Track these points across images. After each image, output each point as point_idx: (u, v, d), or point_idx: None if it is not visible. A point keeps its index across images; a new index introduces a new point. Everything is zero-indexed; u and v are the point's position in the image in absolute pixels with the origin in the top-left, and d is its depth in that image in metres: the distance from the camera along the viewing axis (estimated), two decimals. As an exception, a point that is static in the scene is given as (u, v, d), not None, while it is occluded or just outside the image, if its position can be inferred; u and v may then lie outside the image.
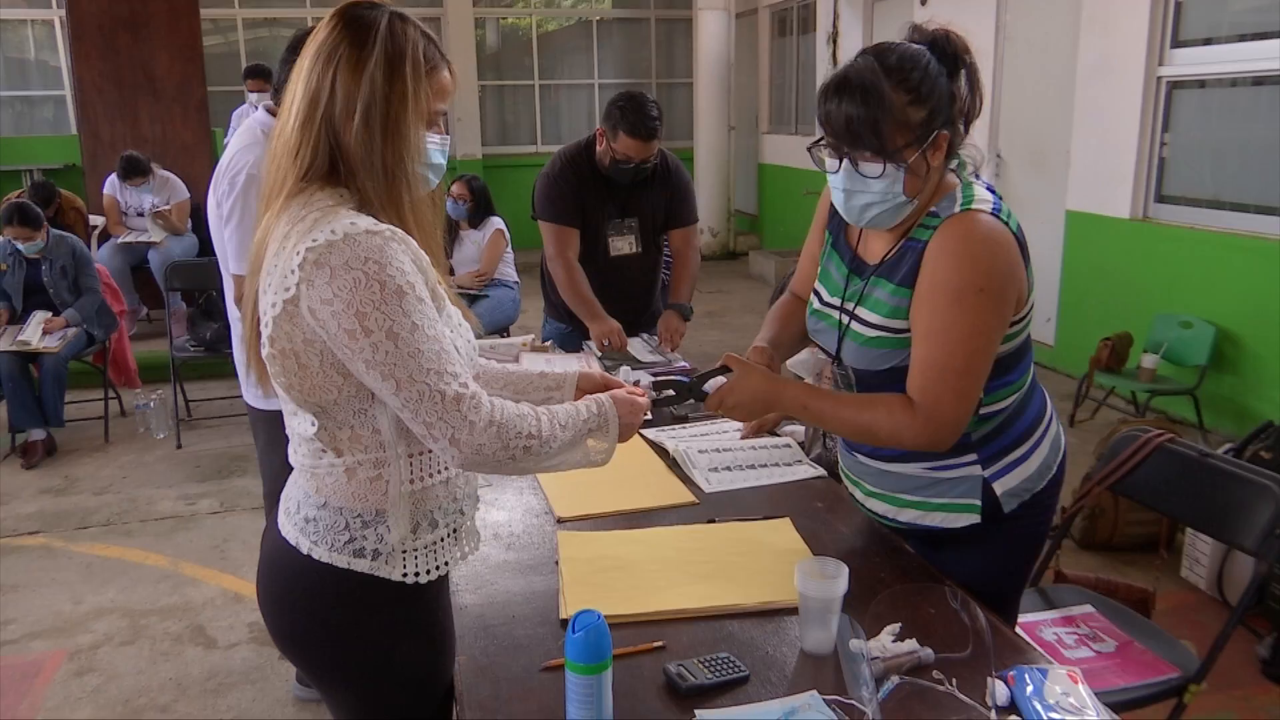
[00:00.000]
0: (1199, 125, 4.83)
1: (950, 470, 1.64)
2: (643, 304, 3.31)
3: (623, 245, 3.19)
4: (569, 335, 3.27)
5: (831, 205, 1.75)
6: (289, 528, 1.35)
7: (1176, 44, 4.79)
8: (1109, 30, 5.09)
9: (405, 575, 1.33)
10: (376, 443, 1.29)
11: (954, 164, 1.58)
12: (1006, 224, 1.52)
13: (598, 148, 3.08)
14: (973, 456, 1.63)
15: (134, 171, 6.53)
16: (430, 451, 1.32)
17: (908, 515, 1.71)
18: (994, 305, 1.48)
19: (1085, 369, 4.63)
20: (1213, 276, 4.53)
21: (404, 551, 1.32)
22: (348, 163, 1.25)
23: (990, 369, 1.53)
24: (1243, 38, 4.51)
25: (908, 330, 1.55)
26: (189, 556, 3.64)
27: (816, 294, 1.77)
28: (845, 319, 1.65)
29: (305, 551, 1.32)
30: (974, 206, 1.51)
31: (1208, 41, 4.70)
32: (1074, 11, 5.37)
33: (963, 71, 1.52)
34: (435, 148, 1.35)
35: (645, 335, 3.23)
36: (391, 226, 1.23)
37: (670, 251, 3.36)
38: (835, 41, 8.24)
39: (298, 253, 1.19)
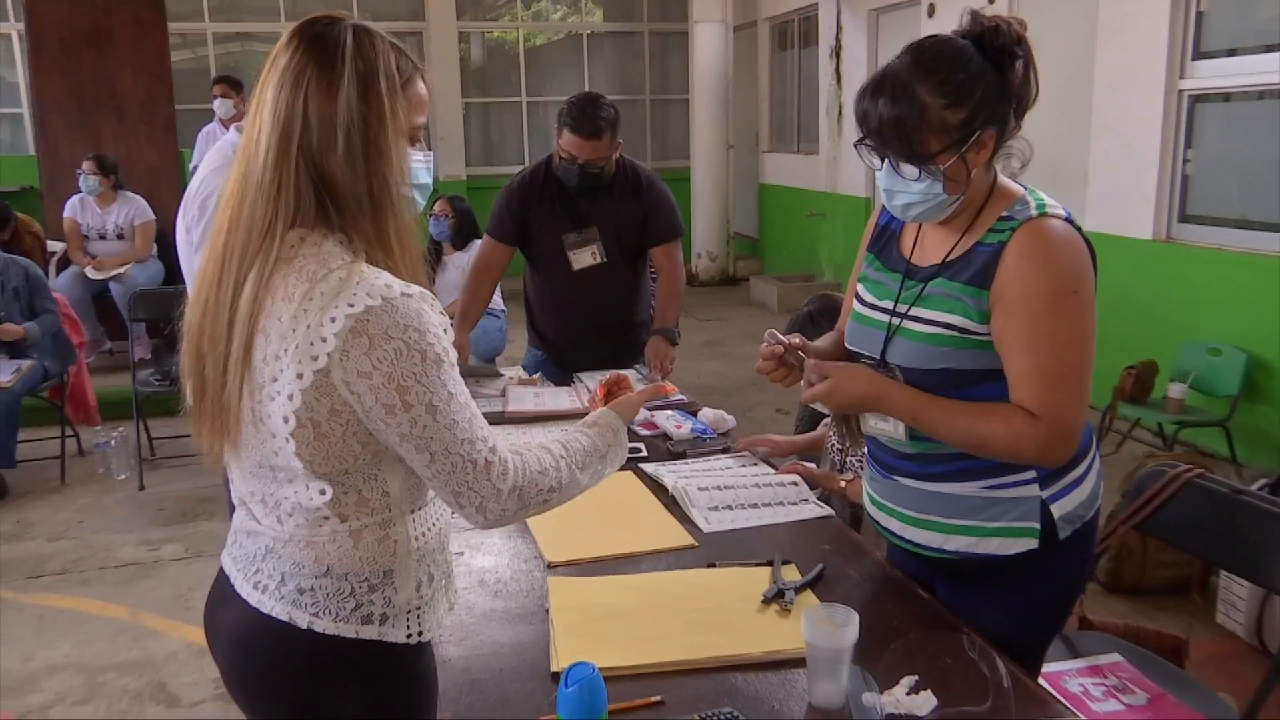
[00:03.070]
0: (1224, 140, 4.88)
1: (1008, 489, 1.62)
2: (618, 321, 3.32)
3: (584, 257, 3.21)
4: (545, 362, 3.33)
5: (873, 229, 1.81)
6: (274, 604, 1.29)
7: (1198, 55, 4.85)
8: (1127, 41, 5.15)
9: (410, 635, 1.31)
10: (384, 504, 1.28)
11: (1000, 160, 1.59)
12: (1079, 231, 1.56)
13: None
14: (1031, 474, 1.62)
15: (98, 164, 6.43)
16: (427, 506, 1.34)
17: (956, 544, 1.66)
18: (1089, 306, 1.53)
19: (1108, 400, 4.63)
20: (1242, 300, 4.56)
21: (408, 611, 1.31)
22: (335, 196, 1.23)
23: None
24: (1269, 48, 4.57)
25: (975, 333, 1.56)
26: (150, 607, 3.61)
27: (859, 299, 1.78)
28: (895, 320, 1.67)
29: (305, 626, 1.27)
30: (1048, 212, 1.55)
31: (1232, 52, 4.76)
32: (1090, 22, 5.44)
33: (1018, 62, 1.53)
34: (420, 166, 1.36)
35: (637, 367, 3.23)
36: (420, 288, 1.23)
37: (654, 269, 3.39)
38: (839, 55, 8.32)
39: (333, 319, 1.17)
